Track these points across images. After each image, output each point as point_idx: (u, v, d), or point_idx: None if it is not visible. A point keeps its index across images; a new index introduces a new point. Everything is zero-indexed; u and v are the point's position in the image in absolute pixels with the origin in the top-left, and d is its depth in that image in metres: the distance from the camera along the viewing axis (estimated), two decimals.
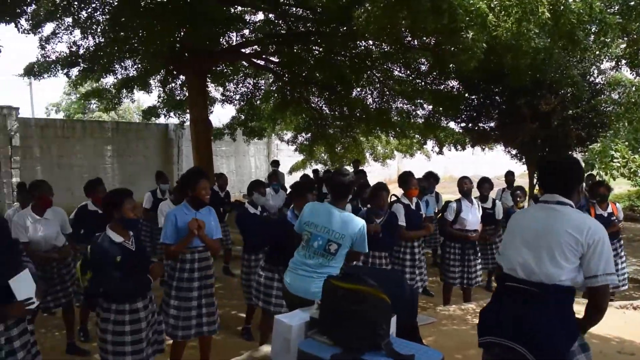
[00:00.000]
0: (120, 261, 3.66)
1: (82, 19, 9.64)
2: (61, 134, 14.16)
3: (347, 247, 3.77)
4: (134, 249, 3.81)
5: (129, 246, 3.79)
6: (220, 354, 5.11)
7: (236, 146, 19.09)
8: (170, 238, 4.24)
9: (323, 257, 3.81)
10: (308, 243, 3.87)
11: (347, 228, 3.77)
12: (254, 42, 11.16)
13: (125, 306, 3.71)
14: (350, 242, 3.76)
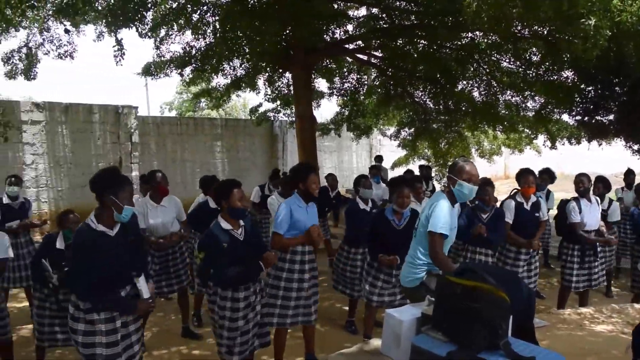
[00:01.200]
0: (226, 247, 3.82)
1: (193, 21, 10.12)
2: (175, 131, 14.98)
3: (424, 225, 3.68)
4: (242, 239, 3.96)
5: (237, 235, 3.94)
6: (325, 346, 5.20)
7: (339, 142, 19.25)
8: (282, 228, 4.35)
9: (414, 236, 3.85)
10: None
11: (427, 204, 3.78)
12: (357, 38, 11.17)
13: (228, 293, 3.88)
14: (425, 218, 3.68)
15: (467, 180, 3.60)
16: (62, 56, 9.75)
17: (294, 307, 4.49)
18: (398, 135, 14.97)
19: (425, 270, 3.61)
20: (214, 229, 3.91)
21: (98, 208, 3.30)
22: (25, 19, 9.08)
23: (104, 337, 3.22)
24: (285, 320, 4.50)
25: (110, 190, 3.22)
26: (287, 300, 4.46)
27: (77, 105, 12.87)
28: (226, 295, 3.88)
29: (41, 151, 12.27)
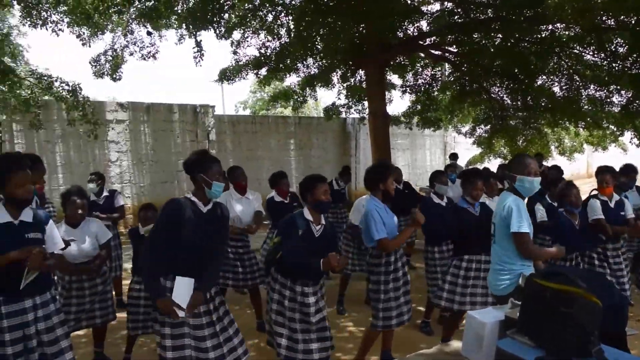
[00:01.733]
0: (301, 235, 3.88)
1: (268, 22, 10.31)
2: (250, 129, 15.33)
3: (501, 227, 3.62)
4: (317, 235, 4.00)
5: (313, 229, 3.99)
6: (399, 345, 5.16)
7: (412, 139, 19.05)
8: (384, 232, 4.37)
9: (493, 242, 3.79)
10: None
11: (499, 205, 3.70)
12: (431, 33, 10.99)
13: (287, 282, 3.93)
14: (500, 220, 3.62)
15: (525, 174, 3.59)
16: (145, 57, 10.23)
17: (396, 308, 4.50)
18: (473, 133, 14.61)
19: (517, 273, 3.52)
20: (295, 215, 4.05)
21: (194, 189, 3.54)
22: (111, 23, 9.59)
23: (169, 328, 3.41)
24: (391, 322, 4.50)
25: (200, 168, 3.45)
26: (388, 302, 4.48)
27: (158, 105, 13.44)
28: (285, 284, 3.95)
29: (125, 149, 12.90)
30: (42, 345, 3.19)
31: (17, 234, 3.14)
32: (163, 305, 3.27)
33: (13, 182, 3.10)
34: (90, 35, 9.54)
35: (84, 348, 5.31)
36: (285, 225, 4.03)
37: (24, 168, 3.19)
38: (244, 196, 5.92)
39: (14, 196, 3.13)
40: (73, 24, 9.09)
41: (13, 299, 3.11)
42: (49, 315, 3.26)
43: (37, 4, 8.54)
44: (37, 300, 3.20)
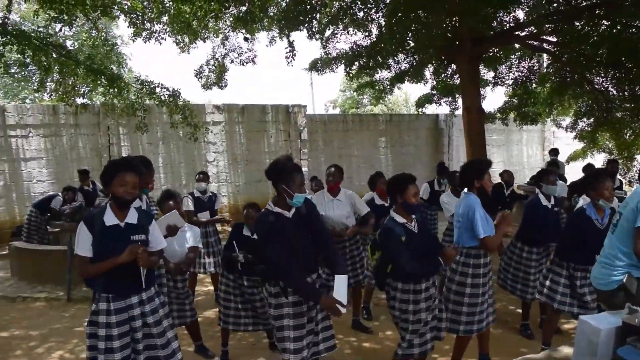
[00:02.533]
0: (405, 241, 3.82)
1: (359, 19, 10.30)
2: (341, 128, 15.42)
3: (627, 219, 3.35)
4: (417, 231, 3.95)
5: (411, 228, 3.94)
6: (499, 349, 5.00)
7: (507, 134, 18.37)
8: (491, 229, 4.26)
9: (611, 232, 3.53)
10: None
11: (633, 196, 3.41)
12: (529, 23, 10.53)
13: (410, 286, 3.90)
14: (631, 212, 3.34)
15: None
16: (244, 62, 10.59)
17: (479, 313, 4.35)
18: (575, 127, 13.82)
19: (625, 271, 3.29)
20: (388, 224, 3.94)
21: (276, 195, 3.62)
22: (208, 30, 10.01)
23: (292, 320, 3.50)
24: (472, 327, 4.37)
25: (282, 180, 3.47)
26: (474, 307, 4.33)
27: (252, 106, 13.85)
28: (408, 289, 3.90)
29: (221, 149, 13.41)
30: (152, 337, 3.36)
31: (123, 236, 3.27)
32: (328, 303, 3.37)
33: (116, 181, 3.26)
34: (189, 42, 10.02)
35: (187, 340, 5.55)
36: (386, 238, 3.94)
37: (131, 170, 3.33)
38: (336, 198, 5.74)
39: (115, 195, 3.28)
40: (174, 33, 9.58)
41: (121, 297, 3.28)
42: (155, 309, 3.42)
43: (142, 15, 9.07)
44: (144, 296, 3.36)
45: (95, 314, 3.26)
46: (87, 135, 12.25)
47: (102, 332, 3.21)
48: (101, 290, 3.26)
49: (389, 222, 3.96)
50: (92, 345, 3.25)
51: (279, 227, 3.46)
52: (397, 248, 3.82)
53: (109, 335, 3.21)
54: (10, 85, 23.20)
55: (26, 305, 7.07)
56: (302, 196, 3.51)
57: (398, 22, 9.02)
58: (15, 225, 10.62)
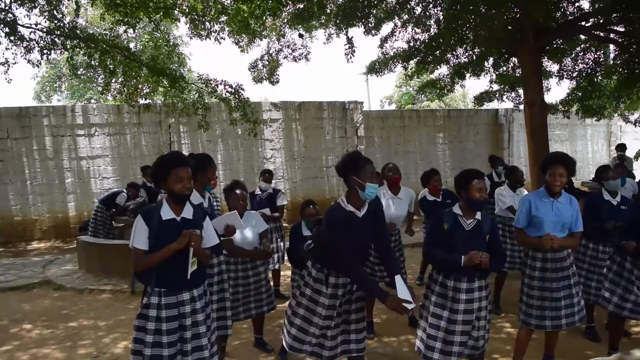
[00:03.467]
0: (447, 230, 3.78)
1: (417, 15, 10.18)
2: (398, 124, 15.28)
3: None
4: (468, 229, 3.83)
5: (463, 223, 3.84)
6: (564, 351, 4.84)
7: (571, 129, 17.73)
8: (521, 222, 4.21)
9: None
10: None
11: None
12: (594, 13, 10.10)
13: (439, 277, 3.83)
14: None
15: None
16: (297, 59, 10.67)
17: (551, 309, 4.23)
18: None
19: None
20: (445, 211, 3.93)
21: (348, 191, 3.59)
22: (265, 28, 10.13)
23: (324, 310, 3.56)
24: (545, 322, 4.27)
25: (352, 171, 3.47)
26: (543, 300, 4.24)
27: (308, 103, 13.93)
28: (437, 279, 3.85)
29: (279, 146, 13.57)
30: (200, 337, 3.34)
31: (179, 230, 3.26)
32: (394, 303, 3.41)
33: (172, 178, 3.26)
34: (248, 42, 10.17)
35: (246, 333, 5.64)
36: (432, 221, 3.97)
37: (185, 165, 3.34)
38: (397, 195, 5.79)
39: (173, 191, 3.30)
40: (233, 33, 9.76)
41: (173, 292, 3.27)
42: (204, 307, 3.43)
43: (202, 15, 9.28)
44: (195, 292, 3.37)
45: (146, 307, 3.30)
46: (149, 134, 12.68)
47: (152, 325, 3.24)
48: (153, 284, 3.29)
49: (448, 210, 3.93)
50: (138, 338, 3.28)
51: (348, 224, 3.48)
52: (432, 232, 3.87)
53: (157, 329, 3.23)
54: (76, 86, 24.25)
55: (93, 297, 7.36)
56: (374, 186, 3.49)
57: (457, 15, 8.86)
58: (83, 220, 11.11)
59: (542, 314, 4.24)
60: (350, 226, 3.48)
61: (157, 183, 3.44)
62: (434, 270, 3.94)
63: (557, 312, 4.21)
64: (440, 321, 3.76)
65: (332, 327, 3.62)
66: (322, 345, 3.66)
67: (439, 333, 3.76)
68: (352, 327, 3.70)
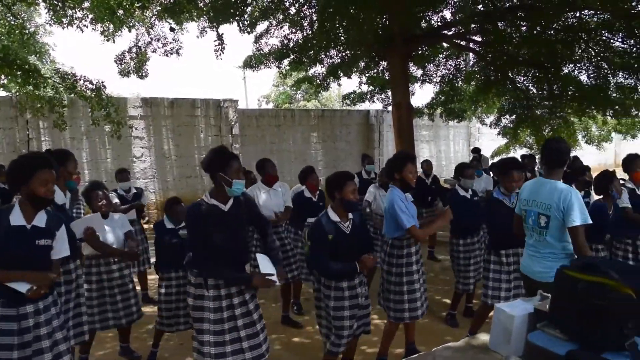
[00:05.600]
0: (331, 240, 3.83)
1: (291, 15, 10.28)
2: (273, 123, 15.35)
3: (557, 219, 3.53)
4: (349, 232, 3.95)
5: (343, 228, 3.94)
6: (425, 338, 5.12)
7: (435, 130, 18.89)
8: (414, 220, 4.36)
9: (538, 234, 3.68)
10: (525, 222, 3.80)
11: (553, 196, 3.56)
12: (455, 23, 10.85)
13: (332, 283, 3.92)
14: (559, 212, 3.51)
15: None
16: (169, 53, 10.30)
17: (420, 299, 4.49)
18: (498, 123, 14.43)
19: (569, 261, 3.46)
20: (322, 219, 3.95)
21: (212, 188, 3.53)
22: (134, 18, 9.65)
23: (211, 314, 3.42)
24: (417, 313, 4.49)
25: (219, 167, 3.42)
26: (413, 293, 4.44)
27: (181, 100, 13.53)
28: (330, 285, 3.92)
29: (149, 144, 13.02)
30: (42, 352, 3.07)
31: (27, 240, 3.01)
32: (258, 281, 3.43)
33: (36, 180, 3.00)
34: (114, 31, 9.62)
35: (111, 343, 5.37)
36: (313, 231, 3.96)
37: (50, 167, 3.09)
38: (272, 188, 5.90)
39: (36, 195, 3.01)
40: (97, 20, 9.17)
41: (13, 303, 2.98)
42: (49, 320, 3.14)
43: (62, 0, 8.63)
44: (40, 305, 3.08)
45: None
46: (4, 130, 11.56)
47: None
48: None
49: (323, 217, 3.97)
50: None
51: (211, 219, 3.40)
52: (323, 245, 3.85)
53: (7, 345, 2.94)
54: None
55: None
56: (241, 183, 3.46)
57: (329, 17, 9.06)
58: None
59: (402, 307, 4.47)
60: (214, 220, 3.41)
61: (16, 185, 3.09)
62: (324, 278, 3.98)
63: (414, 303, 4.46)
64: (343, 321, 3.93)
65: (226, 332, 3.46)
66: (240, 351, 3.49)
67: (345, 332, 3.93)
68: (243, 333, 3.52)
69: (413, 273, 4.44)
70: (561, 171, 3.75)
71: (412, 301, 4.44)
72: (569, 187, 3.66)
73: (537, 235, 3.69)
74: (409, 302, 4.44)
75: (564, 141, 3.82)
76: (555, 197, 3.54)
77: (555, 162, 3.70)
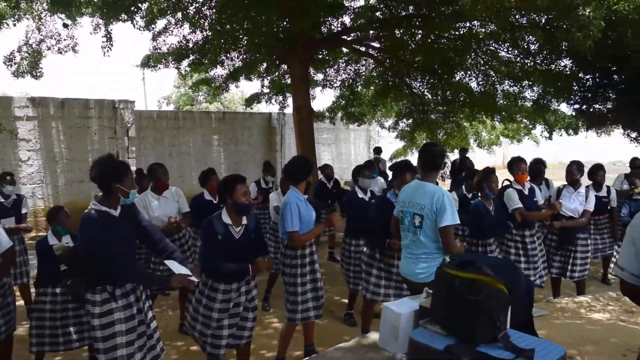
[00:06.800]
0: (220, 240, 3.81)
1: (190, 14, 10.04)
2: (173, 125, 14.91)
3: (431, 219, 3.71)
4: (238, 237, 3.92)
5: (233, 232, 3.91)
6: (324, 339, 5.17)
7: (336, 133, 19.20)
8: (297, 225, 4.34)
9: (413, 234, 3.82)
10: (402, 222, 3.93)
11: (429, 197, 3.73)
12: (355, 29, 11.10)
13: (220, 285, 3.86)
14: (432, 212, 3.69)
15: None
16: (63, 51, 9.73)
17: (312, 300, 4.52)
18: (396, 127, 14.94)
19: (440, 260, 3.63)
20: (213, 218, 3.91)
21: (101, 195, 3.43)
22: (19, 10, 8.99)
23: (123, 324, 3.33)
24: (309, 314, 4.52)
25: (116, 179, 3.34)
26: (305, 294, 4.48)
27: (72, 100, 12.78)
28: (218, 287, 3.86)
29: (37, 147, 12.20)
30: None
31: None
32: (177, 281, 3.41)
33: None
34: None
35: None
36: (204, 230, 3.93)
37: None
38: (162, 195, 5.59)
39: None
40: None
41: None
42: None
43: None
44: None
45: None
46: None
47: None
48: None
49: (215, 217, 3.93)
50: None
51: (108, 225, 3.32)
52: (212, 245, 3.83)
53: None
54: None
55: None
56: (134, 192, 3.46)
57: (228, 19, 8.95)
58: None
59: (295, 308, 4.50)
60: (110, 227, 3.33)
61: None
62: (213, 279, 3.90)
63: (306, 304, 4.50)
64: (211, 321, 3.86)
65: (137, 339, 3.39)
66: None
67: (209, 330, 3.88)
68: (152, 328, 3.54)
69: (306, 274, 4.48)
70: (436, 174, 3.98)
71: (304, 302, 4.48)
72: (442, 189, 3.85)
73: (412, 235, 3.84)
74: (301, 303, 4.47)
75: (438, 145, 4.05)
76: (429, 198, 3.72)
77: (431, 165, 3.90)
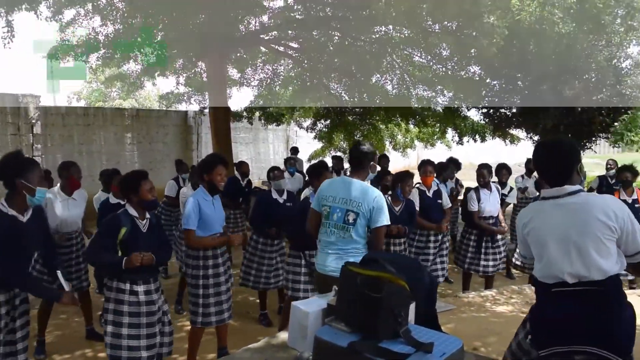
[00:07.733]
0: (125, 233, 3.67)
1: (101, 6, 9.64)
2: (82, 122, 14.24)
3: (365, 218, 3.76)
4: (145, 230, 3.80)
5: (140, 224, 3.79)
6: (239, 340, 5.11)
7: (255, 133, 19.07)
8: (193, 224, 4.25)
9: (343, 230, 3.80)
10: (327, 218, 3.88)
11: (365, 196, 3.78)
12: (273, 28, 11.08)
13: (126, 285, 3.70)
14: (368, 211, 3.75)
15: None
16: None
17: (215, 304, 4.41)
18: (314, 127, 15.04)
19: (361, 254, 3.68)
20: (120, 214, 3.76)
21: (8, 193, 3.23)
22: None
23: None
24: (210, 319, 4.41)
25: (20, 174, 3.15)
26: (207, 297, 4.37)
27: None
28: (125, 289, 3.70)
29: None
30: None
31: None
32: (68, 299, 3.36)
33: None
34: None
35: None
36: (107, 225, 3.76)
37: None
38: (71, 197, 5.31)
39: None
40: None
41: None
42: None
43: None
44: None
45: None
46: None
47: None
48: None
49: (121, 212, 3.79)
50: None
51: (13, 231, 3.14)
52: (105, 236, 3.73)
53: None
54: None
55: None
56: (44, 190, 3.25)
57: (142, 13, 8.68)
58: None
59: (196, 311, 4.43)
60: (15, 232, 3.14)
61: None
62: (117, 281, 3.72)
63: (207, 308, 4.43)
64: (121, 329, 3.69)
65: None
66: None
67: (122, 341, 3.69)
68: (20, 346, 3.31)
69: (209, 278, 4.39)
70: (364, 173, 4.00)
71: (206, 306, 4.40)
72: (376, 189, 3.94)
73: (341, 232, 3.79)
74: (202, 306, 4.39)
75: (366, 144, 4.06)
76: (367, 197, 3.75)
77: (357, 164, 3.95)
